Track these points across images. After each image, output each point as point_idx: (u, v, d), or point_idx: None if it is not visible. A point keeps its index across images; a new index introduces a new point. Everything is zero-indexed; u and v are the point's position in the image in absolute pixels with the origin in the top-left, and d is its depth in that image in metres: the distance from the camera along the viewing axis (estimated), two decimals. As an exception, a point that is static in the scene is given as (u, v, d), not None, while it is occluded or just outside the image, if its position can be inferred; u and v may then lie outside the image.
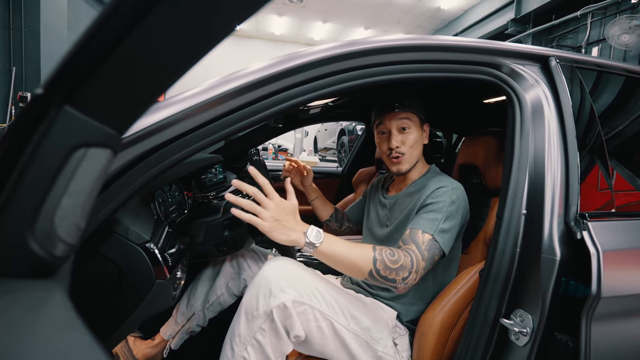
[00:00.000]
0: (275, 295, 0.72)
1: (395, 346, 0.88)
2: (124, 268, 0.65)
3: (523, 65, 0.82)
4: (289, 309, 0.72)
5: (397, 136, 0.97)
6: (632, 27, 4.15)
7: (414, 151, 0.98)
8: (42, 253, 0.28)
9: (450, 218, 0.86)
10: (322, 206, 1.29)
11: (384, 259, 0.76)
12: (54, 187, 0.28)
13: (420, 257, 0.79)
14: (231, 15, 0.27)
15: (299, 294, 0.74)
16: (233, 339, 0.75)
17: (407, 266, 0.77)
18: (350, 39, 0.75)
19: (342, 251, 0.76)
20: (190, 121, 0.57)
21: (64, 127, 0.27)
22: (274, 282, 0.74)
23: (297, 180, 1.23)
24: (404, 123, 0.97)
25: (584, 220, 0.68)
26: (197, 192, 1.15)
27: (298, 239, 0.74)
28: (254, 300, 0.74)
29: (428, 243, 0.81)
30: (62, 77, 0.27)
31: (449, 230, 0.85)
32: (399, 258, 0.77)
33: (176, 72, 0.29)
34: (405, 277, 0.77)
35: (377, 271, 0.76)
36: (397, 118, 0.97)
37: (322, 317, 0.76)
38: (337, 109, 1.65)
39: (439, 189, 0.90)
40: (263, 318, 0.73)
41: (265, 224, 0.72)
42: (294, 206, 0.78)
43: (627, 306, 0.68)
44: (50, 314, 0.25)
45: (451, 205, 0.87)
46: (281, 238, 0.73)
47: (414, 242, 0.81)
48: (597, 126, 0.80)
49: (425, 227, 0.84)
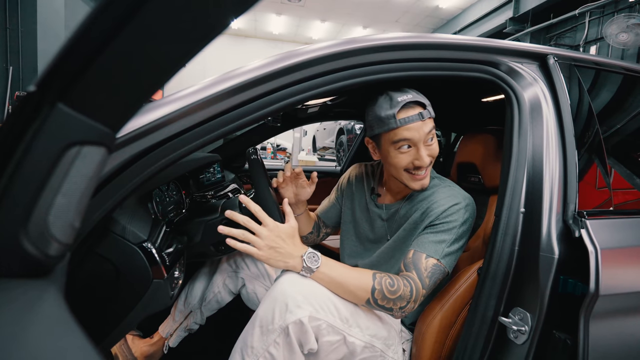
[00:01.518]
0: (291, 310, 0.70)
1: (403, 352, 0.88)
2: (121, 267, 0.65)
3: (521, 64, 0.82)
4: (305, 325, 0.70)
5: (425, 150, 0.81)
6: (629, 25, 4.16)
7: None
8: (35, 252, 0.28)
9: (459, 239, 0.82)
10: (306, 221, 1.12)
11: (382, 289, 0.74)
12: (48, 186, 0.28)
13: (420, 286, 0.76)
14: (226, 11, 0.26)
15: (314, 310, 0.72)
16: (245, 349, 0.73)
17: (405, 297, 0.75)
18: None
19: (340, 277, 0.75)
20: (187, 120, 0.57)
21: (57, 125, 0.27)
22: (290, 297, 0.71)
23: (289, 192, 1.02)
24: (431, 134, 0.81)
25: (582, 219, 0.68)
26: (195, 191, 1.15)
27: (295, 265, 0.74)
28: (269, 314, 0.71)
29: (431, 269, 0.78)
30: (55, 75, 0.26)
31: (456, 251, 0.82)
32: (398, 288, 0.75)
33: (171, 68, 0.29)
34: (402, 307, 0.76)
35: (374, 300, 0.75)
36: (427, 128, 0.79)
37: (335, 332, 0.74)
38: (336, 108, 1.65)
39: (452, 207, 0.82)
40: (278, 332, 0.71)
41: (261, 253, 0.72)
42: (292, 229, 0.76)
43: (625, 304, 0.68)
44: (43, 314, 0.25)
45: (462, 225, 0.82)
46: (279, 265, 0.74)
47: (415, 268, 0.78)
48: (595, 124, 0.80)
49: (430, 251, 0.79)
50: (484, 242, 1.07)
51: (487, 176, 1.16)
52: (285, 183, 1.01)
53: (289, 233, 0.75)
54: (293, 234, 0.76)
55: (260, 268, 1.13)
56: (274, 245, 0.72)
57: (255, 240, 0.72)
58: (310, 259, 0.74)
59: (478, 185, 1.20)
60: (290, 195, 1.03)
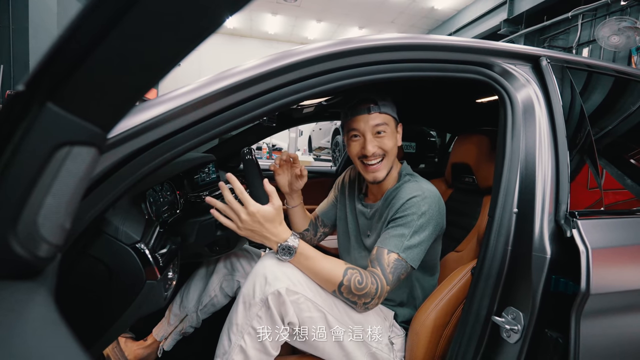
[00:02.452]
0: (270, 282, 0.74)
1: (391, 345, 0.88)
2: (113, 269, 0.64)
3: (515, 65, 0.82)
4: (282, 296, 0.73)
5: (372, 141, 0.89)
6: (621, 28, 4.22)
7: (391, 156, 0.92)
8: (24, 254, 0.28)
9: (419, 232, 0.83)
10: (301, 215, 1.14)
11: (350, 285, 0.77)
12: (37, 187, 0.28)
13: (385, 282, 0.79)
14: (219, 9, 0.26)
15: (292, 283, 0.75)
16: (230, 328, 0.77)
17: (371, 294, 0.78)
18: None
19: (312, 267, 0.79)
20: (180, 120, 0.57)
21: (46, 124, 0.27)
22: (269, 271, 0.75)
23: (283, 179, 1.05)
24: (380, 127, 0.89)
25: (574, 219, 0.68)
26: (189, 191, 1.14)
27: (271, 247, 0.79)
28: (250, 289, 0.75)
29: (393, 264, 0.80)
30: (44, 74, 0.26)
31: (419, 244, 0.83)
32: (365, 285, 0.78)
33: (163, 68, 0.28)
34: (366, 302, 0.79)
35: (340, 292, 0.79)
36: (373, 121, 0.89)
37: (315, 308, 0.77)
38: (331, 108, 1.65)
39: (409, 201, 0.86)
40: (259, 305, 0.74)
41: (239, 231, 0.77)
42: (275, 211, 0.77)
43: (615, 303, 0.69)
44: (31, 316, 0.25)
45: (421, 217, 0.84)
46: (258, 242, 0.79)
47: (379, 264, 0.81)
48: (586, 126, 0.81)
49: (390, 246, 0.82)
50: (477, 242, 1.08)
51: (481, 177, 1.17)
52: (282, 169, 1.05)
53: (268, 216, 0.76)
54: (273, 218, 0.77)
55: (255, 268, 1.13)
56: (251, 228, 0.76)
57: (234, 218, 0.76)
58: (283, 251, 0.77)
59: (472, 186, 1.21)
60: (285, 183, 1.06)
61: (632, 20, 4.18)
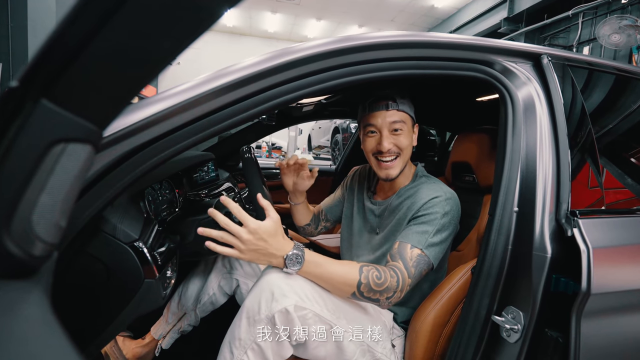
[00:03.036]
0: (277, 299, 0.70)
1: (393, 347, 0.88)
2: (112, 267, 0.64)
3: (515, 63, 0.82)
4: (290, 314, 0.70)
5: (389, 137, 0.90)
6: (622, 27, 4.21)
7: (405, 155, 0.92)
8: (19, 253, 0.27)
9: (441, 231, 0.84)
10: (304, 211, 1.17)
11: (369, 282, 0.75)
12: (32, 184, 0.27)
13: (407, 275, 0.78)
14: (216, 3, 0.26)
15: (300, 299, 0.72)
16: (233, 342, 0.73)
17: (392, 287, 0.76)
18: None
19: (325, 274, 0.75)
20: (179, 118, 0.56)
21: (41, 121, 0.26)
22: (276, 286, 0.72)
23: (289, 179, 1.07)
24: (397, 124, 0.90)
25: (575, 218, 0.68)
26: (188, 190, 1.13)
27: (279, 264, 0.74)
28: (255, 305, 0.72)
29: (416, 259, 0.80)
30: (38, 70, 0.25)
31: (440, 243, 0.84)
32: (385, 280, 0.76)
33: (159, 63, 0.28)
34: (389, 297, 0.77)
35: (360, 293, 0.75)
36: (391, 118, 0.90)
37: (322, 322, 0.74)
38: (331, 107, 1.64)
39: (432, 200, 0.86)
40: (265, 322, 0.71)
41: (242, 255, 0.71)
42: (274, 224, 0.72)
43: (616, 303, 0.69)
44: (25, 316, 0.24)
45: (443, 217, 0.85)
46: (263, 264, 0.74)
47: (401, 258, 0.80)
48: (588, 124, 0.80)
49: (414, 241, 0.82)
50: (477, 241, 1.08)
51: (482, 175, 1.16)
52: (289, 170, 1.06)
53: (270, 231, 0.72)
54: (275, 232, 0.72)
55: (255, 267, 1.12)
56: (255, 248, 0.70)
57: (235, 243, 0.70)
58: (291, 261, 0.73)
59: (472, 185, 1.21)
60: (289, 183, 1.08)
61: (632, 19, 4.17)
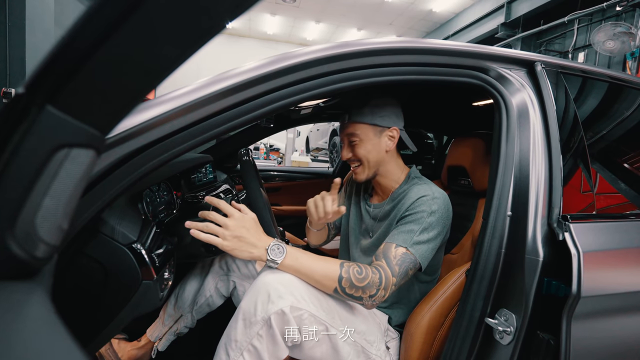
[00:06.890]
0: (273, 301, 0.71)
1: (387, 349, 0.89)
2: (109, 268, 0.65)
3: (510, 70, 0.84)
4: (287, 315, 0.71)
5: (347, 148, 0.97)
6: (616, 33, 4.26)
7: (371, 162, 0.95)
8: (22, 254, 0.28)
9: (428, 229, 0.84)
10: (321, 234, 1.17)
11: (350, 277, 0.76)
12: (36, 188, 0.28)
13: (390, 273, 0.78)
14: (220, 15, 0.27)
15: (296, 300, 0.73)
16: (229, 343, 0.74)
17: (374, 284, 0.76)
18: (343, 39, 0.75)
19: (305, 268, 0.76)
20: (179, 121, 0.57)
21: (46, 127, 0.27)
22: (272, 287, 0.72)
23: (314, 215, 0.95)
24: (351, 137, 0.95)
25: (566, 222, 0.69)
26: (186, 191, 1.14)
27: (260, 255, 0.75)
28: (251, 306, 0.72)
29: (401, 257, 0.80)
30: (44, 77, 0.26)
31: (427, 241, 0.84)
32: (366, 275, 0.76)
33: (163, 71, 0.29)
34: (372, 295, 0.76)
35: (342, 289, 0.76)
36: (345, 130, 0.96)
37: (317, 322, 0.75)
38: (329, 110, 1.66)
39: (419, 199, 0.87)
40: (261, 324, 0.71)
41: (226, 243, 0.73)
42: (254, 218, 0.78)
43: (606, 305, 0.70)
44: (29, 316, 0.25)
45: (430, 215, 0.85)
46: (244, 256, 0.74)
47: (385, 257, 0.81)
48: (580, 130, 0.82)
49: (399, 241, 0.83)
50: (472, 244, 1.09)
51: (477, 179, 1.18)
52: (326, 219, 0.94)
53: (252, 223, 0.76)
54: (256, 224, 0.78)
55: (251, 269, 1.13)
56: (238, 235, 0.73)
57: (219, 231, 0.73)
58: (274, 252, 0.75)
59: (467, 188, 1.22)
60: (315, 216, 0.95)
61: (627, 26, 4.23)
